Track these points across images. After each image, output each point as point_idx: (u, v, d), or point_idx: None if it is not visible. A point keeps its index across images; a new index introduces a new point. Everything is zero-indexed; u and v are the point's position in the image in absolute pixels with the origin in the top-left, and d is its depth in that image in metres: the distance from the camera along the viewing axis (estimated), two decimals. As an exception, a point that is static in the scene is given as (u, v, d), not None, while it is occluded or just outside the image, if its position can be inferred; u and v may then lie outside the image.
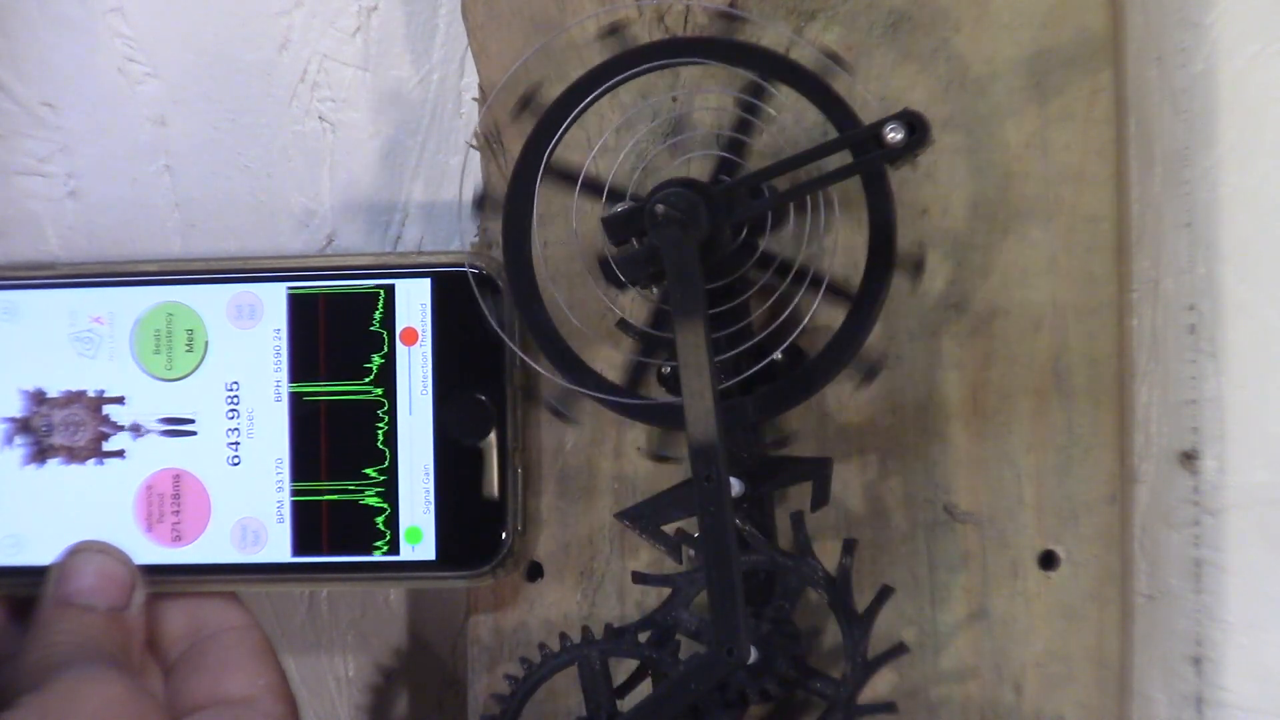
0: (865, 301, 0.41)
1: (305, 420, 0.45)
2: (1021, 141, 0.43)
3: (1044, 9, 0.43)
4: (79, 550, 0.44)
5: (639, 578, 0.43)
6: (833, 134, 0.41)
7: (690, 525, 0.43)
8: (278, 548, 0.45)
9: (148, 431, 0.45)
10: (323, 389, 0.45)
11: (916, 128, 0.39)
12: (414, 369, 0.45)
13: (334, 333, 0.45)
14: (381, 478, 0.45)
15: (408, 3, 0.49)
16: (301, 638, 0.51)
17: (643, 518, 0.43)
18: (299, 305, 0.45)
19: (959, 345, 0.43)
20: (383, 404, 0.45)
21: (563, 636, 0.43)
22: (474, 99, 0.47)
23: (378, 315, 0.45)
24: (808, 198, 0.42)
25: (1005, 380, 0.43)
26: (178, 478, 0.45)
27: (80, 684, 0.39)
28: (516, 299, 0.43)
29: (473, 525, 0.45)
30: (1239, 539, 0.45)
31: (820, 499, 0.42)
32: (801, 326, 0.41)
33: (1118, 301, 0.43)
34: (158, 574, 0.45)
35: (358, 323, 0.45)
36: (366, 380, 0.45)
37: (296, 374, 0.45)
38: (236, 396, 0.45)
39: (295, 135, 0.50)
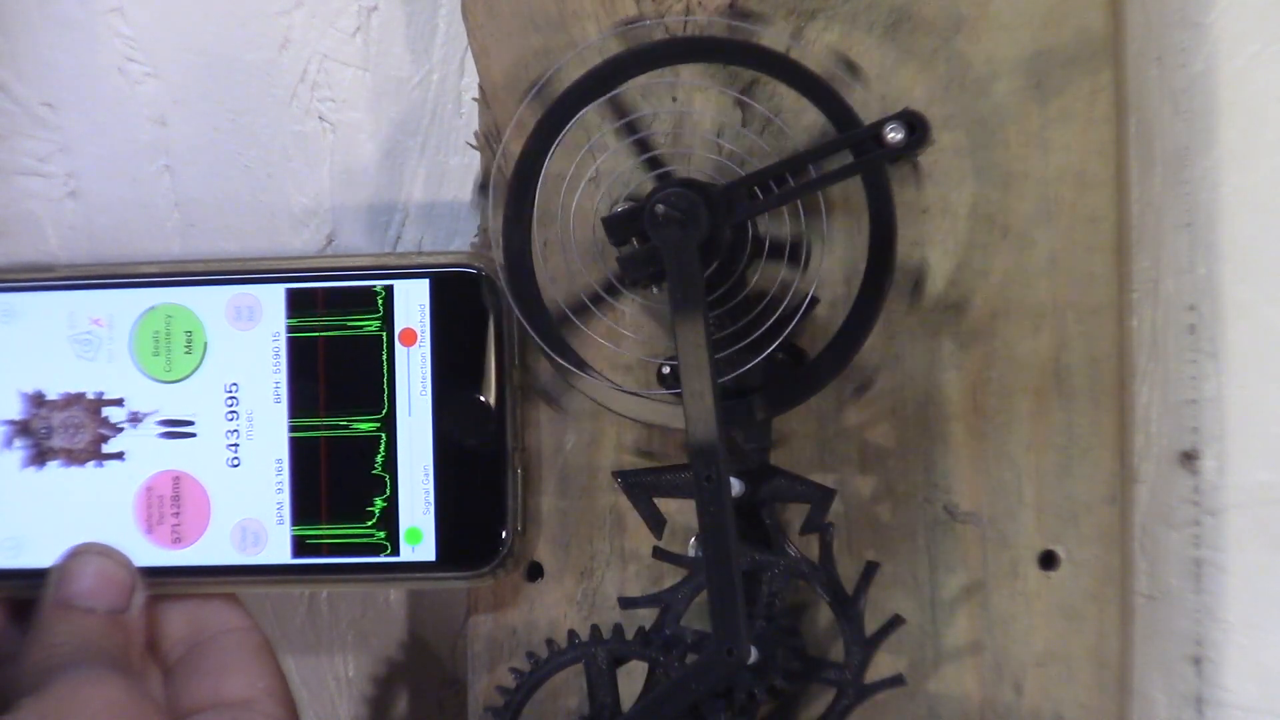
0: (866, 300, 0.41)
1: (305, 419, 0.45)
2: (1021, 141, 0.43)
3: (1044, 9, 0.43)
4: (79, 553, 0.44)
5: (626, 603, 0.43)
6: (833, 134, 0.41)
7: (687, 516, 0.43)
8: (278, 549, 0.45)
9: (147, 433, 0.45)
10: (322, 390, 0.45)
11: (916, 128, 0.39)
12: (413, 369, 0.45)
13: (333, 334, 0.45)
14: (381, 479, 0.45)
15: (408, 3, 0.49)
16: (301, 638, 0.51)
17: (639, 485, 0.43)
18: (298, 306, 0.45)
19: (959, 345, 0.43)
20: (382, 405, 0.45)
21: (571, 634, 0.43)
22: (474, 99, 0.47)
23: (377, 316, 0.45)
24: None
25: (1005, 380, 0.43)
26: (177, 479, 0.45)
27: (80, 686, 0.40)
28: (516, 299, 0.43)
29: (473, 525, 0.45)
30: (1239, 539, 0.45)
31: (814, 527, 0.42)
32: (793, 324, 0.41)
33: (1118, 301, 0.43)
34: (158, 576, 0.45)
35: (357, 323, 0.45)
36: (366, 381, 0.45)
37: (295, 375, 0.45)
38: (236, 398, 0.45)
39: (295, 135, 0.50)
